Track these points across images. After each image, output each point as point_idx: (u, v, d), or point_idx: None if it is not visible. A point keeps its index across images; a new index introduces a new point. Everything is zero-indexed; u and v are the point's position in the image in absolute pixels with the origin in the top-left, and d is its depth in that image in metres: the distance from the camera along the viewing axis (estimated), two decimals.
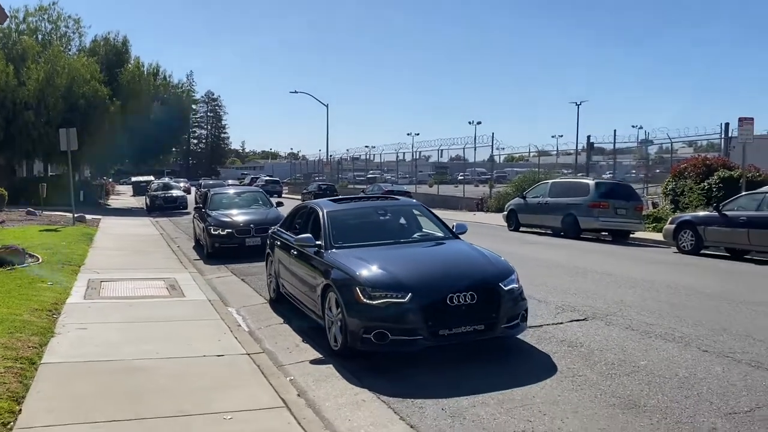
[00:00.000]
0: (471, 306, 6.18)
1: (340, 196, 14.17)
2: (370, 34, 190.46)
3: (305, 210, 8.88)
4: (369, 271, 6.46)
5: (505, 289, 6.43)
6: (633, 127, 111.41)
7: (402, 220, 8.39)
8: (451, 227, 8.19)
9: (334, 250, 7.27)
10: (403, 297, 6.09)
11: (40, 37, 37.77)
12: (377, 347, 6.13)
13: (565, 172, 39.05)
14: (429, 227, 8.36)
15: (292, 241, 8.32)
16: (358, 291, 6.24)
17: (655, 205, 25.26)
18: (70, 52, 37.93)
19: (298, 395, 5.42)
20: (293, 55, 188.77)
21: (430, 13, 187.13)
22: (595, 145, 32.53)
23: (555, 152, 46.05)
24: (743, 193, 15.37)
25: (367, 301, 6.17)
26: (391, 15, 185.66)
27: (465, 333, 6.20)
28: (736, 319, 7.85)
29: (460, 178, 51.06)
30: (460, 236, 8.02)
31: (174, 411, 4.86)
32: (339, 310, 6.45)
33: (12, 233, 16.31)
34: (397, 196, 10.34)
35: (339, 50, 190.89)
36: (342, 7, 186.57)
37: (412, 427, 4.85)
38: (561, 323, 7.72)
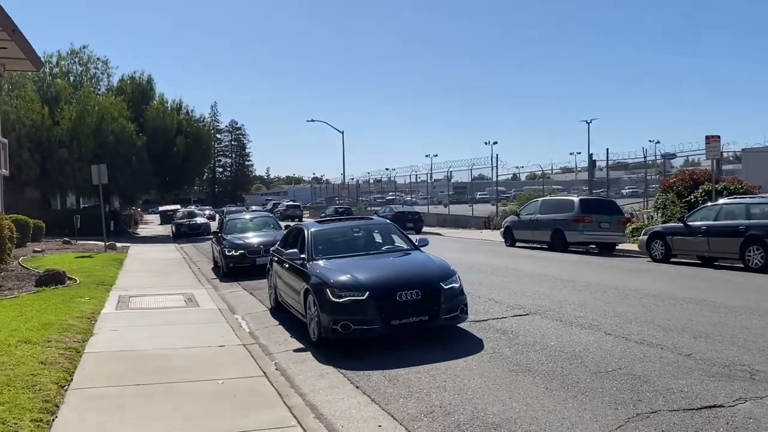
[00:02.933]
0: (417, 301, 7.85)
1: (326, 218, 15.92)
2: (386, 61, 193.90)
3: (296, 230, 10.63)
4: (338, 276, 8.16)
5: (446, 287, 8.07)
6: (650, 141, 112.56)
7: (374, 236, 10.10)
8: (414, 241, 9.86)
9: (314, 261, 8.99)
10: (362, 295, 7.77)
11: (71, 78, 40.58)
12: (343, 335, 7.79)
13: (584, 188, 40.43)
14: (398, 241, 10.02)
15: (284, 255, 10.06)
16: (329, 292, 7.94)
17: (650, 218, 26.60)
18: (99, 92, 40.65)
19: (276, 369, 7.13)
20: (313, 82, 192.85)
21: (447, 39, 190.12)
22: (600, 161, 33.89)
23: (574, 168, 47.37)
24: (704, 205, 16.76)
25: (335, 300, 7.85)
26: (407, 42, 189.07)
27: (412, 323, 7.86)
28: (652, 311, 9.38)
29: (478, 197, 52.49)
30: (421, 248, 9.66)
31: (182, 379, 6.60)
32: (316, 308, 8.13)
33: (52, 260, 18.35)
34: (372, 217, 12.04)
35: (358, 77, 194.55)
36: (356, 37, 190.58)
37: (357, 387, 6.50)
38: (504, 317, 9.31)
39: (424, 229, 35.04)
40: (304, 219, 49.18)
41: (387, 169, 66.59)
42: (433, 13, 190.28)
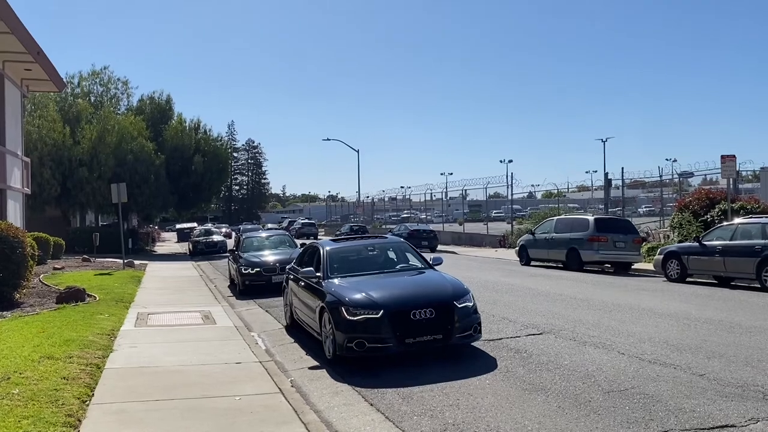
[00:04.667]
0: (430, 319, 7.93)
1: (342, 236, 16.07)
2: (403, 80, 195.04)
3: (312, 248, 10.78)
4: (353, 294, 8.28)
5: (459, 306, 8.15)
6: (667, 160, 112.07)
7: (389, 255, 10.22)
8: (428, 260, 9.97)
9: (330, 279, 9.12)
10: (376, 313, 7.88)
11: (92, 98, 41.39)
12: (358, 353, 7.88)
13: (600, 207, 40.33)
14: (412, 260, 10.13)
15: (300, 274, 10.20)
16: (344, 310, 8.05)
17: (666, 237, 26.47)
18: (119, 112, 41.41)
19: (292, 386, 7.24)
20: (329, 101, 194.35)
21: (462, 54, 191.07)
22: (615, 180, 33.75)
23: (591, 187, 47.27)
24: (720, 224, 16.71)
25: (350, 318, 7.96)
26: (423, 62, 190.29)
27: (426, 341, 7.94)
28: (666, 330, 9.39)
29: (493, 215, 52.43)
30: (435, 267, 9.76)
31: (200, 395, 6.73)
32: (331, 326, 8.24)
33: (72, 277, 18.65)
34: (385, 235, 12.17)
35: (375, 96, 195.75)
36: (373, 57, 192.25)
37: (372, 405, 6.59)
38: (518, 336, 9.36)
39: (439, 247, 35.09)
40: (319, 237, 49.38)
41: (402, 187, 66.79)
42: (448, 32, 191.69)
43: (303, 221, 63.88)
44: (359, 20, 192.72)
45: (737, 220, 16.10)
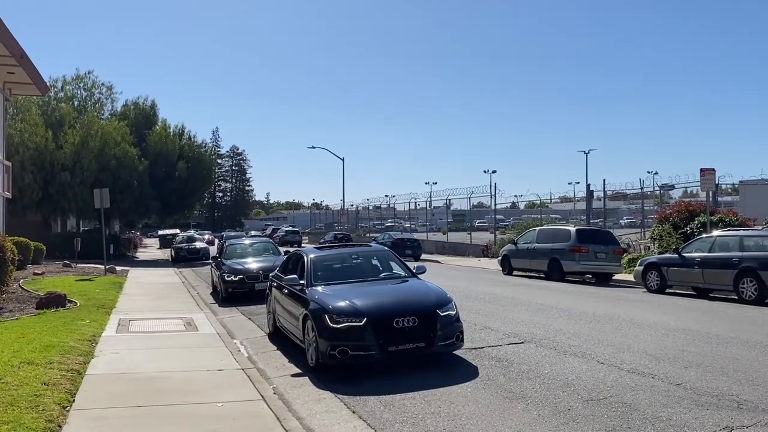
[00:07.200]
0: (413, 328, 8.00)
1: (325, 244, 16.11)
2: (388, 89, 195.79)
3: (296, 256, 10.81)
4: (336, 302, 8.32)
5: (442, 314, 8.23)
6: (648, 173, 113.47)
7: (373, 263, 10.28)
8: (412, 268, 10.04)
9: (313, 287, 9.15)
10: (360, 321, 7.93)
11: (76, 103, 41.07)
12: (341, 361, 7.92)
13: (582, 218, 40.70)
14: (396, 268, 10.18)
15: (283, 281, 10.22)
16: (327, 318, 8.09)
17: (647, 249, 26.78)
18: (103, 116, 41.11)
19: (274, 393, 7.26)
20: (315, 109, 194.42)
21: (448, 65, 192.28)
22: (597, 191, 34.06)
23: (573, 198, 47.72)
24: (699, 236, 16.97)
25: (333, 326, 8.00)
26: (408, 71, 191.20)
27: (409, 349, 8.00)
28: (645, 341, 9.53)
29: (477, 225, 52.60)
30: (419, 276, 9.83)
31: (182, 401, 6.73)
32: (314, 333, 8.27)
33: (52, 282, 18.47)
34: (370, 244, 12.23)
35: (359, 105, 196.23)
36: (359, 64, 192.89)
37: (354, 412, 6.62)
38: (500, 345, 9.45)
39: (423, 256, 35.19)
40: (303, 244, 49.28)
41: (386, 196, 67.02)
42: (434, 43, 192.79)
43: (287, 228, 63.69)
44: (345, 28, 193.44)
45: (716, 233, 16.36)
